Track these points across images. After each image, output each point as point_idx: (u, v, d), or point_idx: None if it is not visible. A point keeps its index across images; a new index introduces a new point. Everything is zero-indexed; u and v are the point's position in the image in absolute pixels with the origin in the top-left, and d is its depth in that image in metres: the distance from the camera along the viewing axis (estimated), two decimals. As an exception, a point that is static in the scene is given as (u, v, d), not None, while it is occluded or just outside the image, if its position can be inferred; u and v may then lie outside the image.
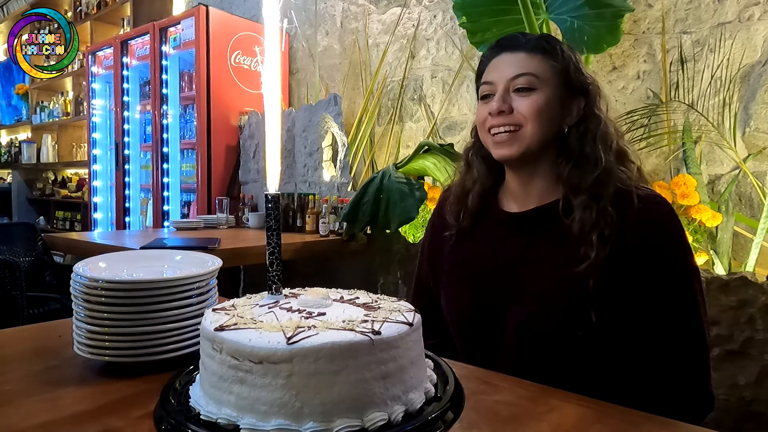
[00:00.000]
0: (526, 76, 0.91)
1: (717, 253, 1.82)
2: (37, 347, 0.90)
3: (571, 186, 0.90)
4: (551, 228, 0.93)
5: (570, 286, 0.88)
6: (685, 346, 0.85)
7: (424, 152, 2.32)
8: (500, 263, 0.96)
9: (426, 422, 0.52)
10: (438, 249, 1.08)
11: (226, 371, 0.52)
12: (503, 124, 0.91)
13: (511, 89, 0.92)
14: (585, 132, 0.92)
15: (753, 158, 1.95)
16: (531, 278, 0.92)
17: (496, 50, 0.97)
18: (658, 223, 0.87)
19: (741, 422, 1.53)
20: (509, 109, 0.91)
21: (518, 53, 0.93)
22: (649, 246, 0.86)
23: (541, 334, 0.90)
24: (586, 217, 0.87)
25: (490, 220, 1.01)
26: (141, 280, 0.75)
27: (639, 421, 0.64)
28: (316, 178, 3.03)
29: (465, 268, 1.01)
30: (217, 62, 3.31)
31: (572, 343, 0.88)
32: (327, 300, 0.62)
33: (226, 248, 2.13)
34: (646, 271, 0.86)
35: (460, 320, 1.00)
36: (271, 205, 0.62)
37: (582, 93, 0.94)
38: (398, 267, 2.37)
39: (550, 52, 0.93)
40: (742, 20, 1.99)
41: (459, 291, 1.01)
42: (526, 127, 0.91)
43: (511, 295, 0.93)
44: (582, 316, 0.86)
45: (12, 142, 6.35)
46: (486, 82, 0.96)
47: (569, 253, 0.88)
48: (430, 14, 2.95)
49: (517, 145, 0.91)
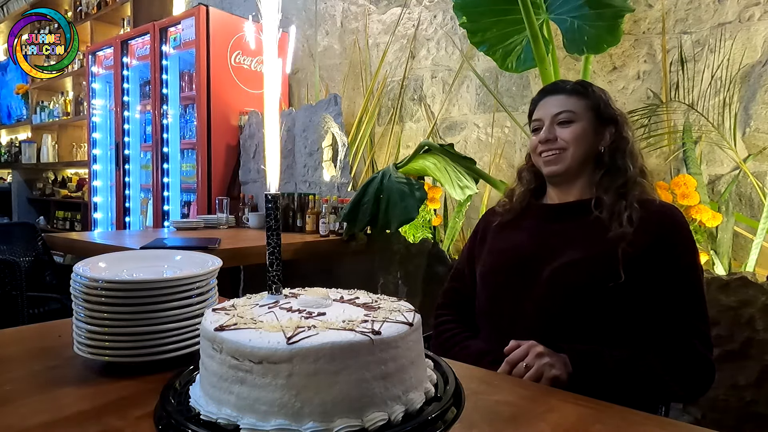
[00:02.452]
0: (566, 113, 1.16)
1: (717, 253, 1.82)
2: (37, 347, 0.89)
3: (604, 188, 1.12)
4: (582, 216, 1.12)
5: (601, 249, 1.05)
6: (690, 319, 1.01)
7: (425, 152, 2.32)
8: (535, 239, 1.15)
9: (426, 422, 0.52)
10: (481, 239, 1.28)
11: (226, 371, 0.52)
12: (550, 149, 1.16)
13: (555, 123, 1.17)
14: (616, 149, 1.15)
15: (753, 158, 1.94)
16: (561, 248, 1.10)
17: (542, 95, 1.23)
18: (674, 226, 1.07)
19: (741, 422, 1.53)
20: (554, 138, 1.16)
21: (559, 96, 1.19)
22: (665, 242, 1.04)
23: (571, 283, 1.04)
24: (616, 207, 1.08)
25: (531, 212, 1.22)
26: (141, 280, 0.75)
27: (639, 421, 0.65)
28: (316, 178, 3.03)
29: (504, 243, 1.20)
30: (217, 62, 3.31)
31: (598, 296, 1.02)
32: (327, 300, 0.62)
33: (226, 248, 2.13)
34: (661, 261, 1.03)
35: (495, 271, 1.16)
36: (271, 205, 0.62)
37: (612, 122, 1.17)
38: (398, 267, 2.37)
39: (583, 93, 1.18)
40: (743, 20, 1.99)
41: (497, 253, 1.20)
42: (568, 150, 1.15)
43: (546, 257, 1.10)
44: (611, 271, 1.01)
45: (12, 142, 6.35)
46: (536, 120, 1.21)
47: (599, 232, 1.07)
48: (430, 14, 2.95)
49: (562, 162, 1.15)
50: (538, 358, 0.94)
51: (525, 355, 0.95)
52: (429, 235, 2.47)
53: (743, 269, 1.77)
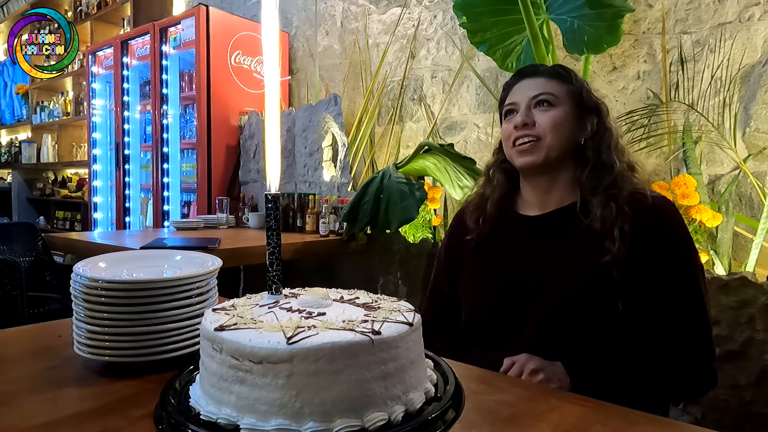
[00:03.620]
0: (545, 95, 1.04)
1: (717, 253, 1.82)
2: (37, 347, 0.89)
3: (591, 188, 1.01)
4: (569, 228, 1.02)
5: (591, 278, 0.96)
6: (691, 329, 0.95)
7: (425, 152, 2.32)
8: (522, 262, 1.04)
9: (426, 422, 0.52)
10: (457, 255, 1.15)
11: (226, 371, 0.52)
12: (526, 135, 1.03)
13: (533, 106, 1.04)
14: (600, 142, 1.04)
15: (753, 158, 1.94)
16: (551, 273, 0.99)
17: (517, 78, 1.10)
18: (669, 224, 0.98)
19: (741, 422, 1.53)
20: (532, 122, 1.03)
21: (538, 78, 1.06)
22: (661, 243, 0.96)
23: (562, 325, 0.96)
24: (607, 213, 0.97)
25: (509, 224, 1.10)
26: (141, 280, 0.75)
27: (639, 421, 0.64)
28: (316, 178, 3.03)
29: (487, 268, 1.08)
30: (217, 62, 3.31)
31: (591, 333, 0.95)
32: (327, 300, 0.62)
33: (226, 248, 2.13)
34: (658, 265, 0.96)
35: (482, 314, 1.06)
36: (271, 205, 0.62)
37: (594, 111, 1.06)
38: (398, 267, 2.37)
39: (565, 77, 1.06)
40: (743, 20, 1.99)
41: (481, 287, 1.08)
42: (546, 138, 1.02)
43: (533, 289, 1.00)
44: (605, 305, 0.95)
45: (12, 142, 6.35)
46: (510, 103, 1.08)
47: (589, 249, 0.97)
48: (430, 14, 2.95)
49: (538, 153, 1.02)
50: (533, 375, 0.90)
51: (519, 374, 0.91)
52: (429, 235, 2.47)
53: (743, 269, 1.77)
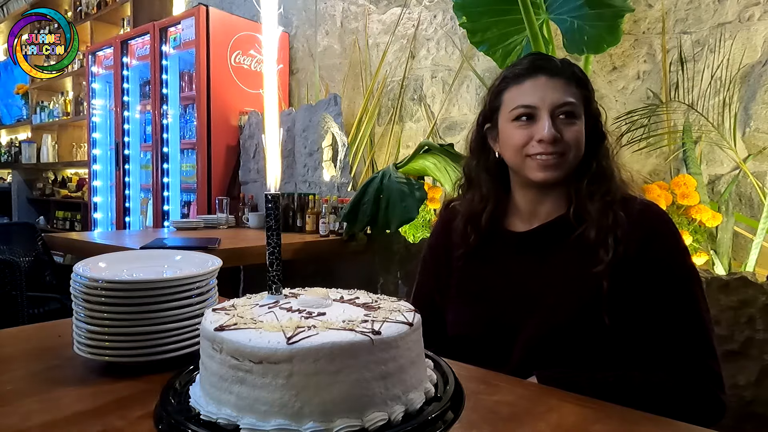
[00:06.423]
0: (570, 105, 0.92)
1: (717, 253, 1.82)
2: (37, 347, 0.89)
3: (589, 195, 0.93)
4: (559, 242, 0.96)
5: (582, 294, 0.90)
6: (690, 351, 0.86)
7: (424, 152, 2.32)
8: (511, 281, 0.98)
9: (426, 422, 0.52)
10: (444, 264, 1.08)
11: (226, 371, 0.52)
12: (554, 152, 0.92)
13: (557, 116, 0.92)
14: (600, 150, 0.97)
15: (753, 158, 1.94)
16: (543, 292, 0.93)
17: (532, 71, 0.95)
18: (658, 232, 0.91)
19: (741, 422, 1.53)
20: (561, 138, 0.91)
21: (558, 79, 0.93)
22: (650, 253, 0.89)
23: (553, 348, 0.90)
24: (604, 221, 0.91)
25: (498, 240, 1.02)
26: (141, 280, 0.75)
27: (639, 421, 0.64)
28: (316, 178, 3.03)
29: (476, 286, 1.02)
30: (217, 62, 3.31)
31: (582, 355, 0.89)
32: (327, 300, 0.62)
33: (226, 248, 2.13)
34: (649, 277, 0.88)
35: (470, 334, 1.00)
36: (271, 205, 0.62)
37: (597, 118, 0.98)
38: (398, 267, 2.37)
39: (583, 82, 0.96)
40: (742, 20, 1.98)
41: (469, 306, 1.01)
42: (569, 154, 0.93)
43: (523, 309, 0.94)
44: (594, 322, 0.88)
45: (12, 142, 6.35)
46: (525, 106, 0.94)
47: (582, 261, 0.91)
48: (430, 14, 2.95)
49: (561, 169, 0.93)
50: None
51: None
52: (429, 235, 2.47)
53: (743, 269, 1.77)
